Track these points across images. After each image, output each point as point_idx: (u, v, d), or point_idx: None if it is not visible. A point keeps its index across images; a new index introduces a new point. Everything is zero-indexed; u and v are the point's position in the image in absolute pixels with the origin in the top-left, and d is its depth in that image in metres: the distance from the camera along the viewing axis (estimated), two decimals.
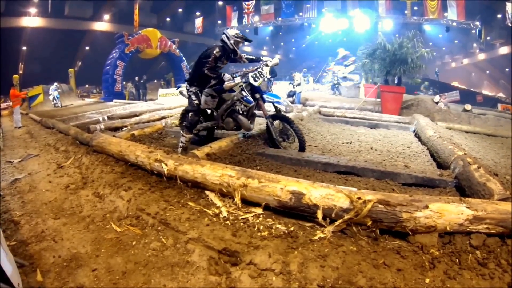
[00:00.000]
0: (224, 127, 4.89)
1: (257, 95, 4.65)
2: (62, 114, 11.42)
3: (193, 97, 4.70)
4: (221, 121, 4.82)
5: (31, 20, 25.76)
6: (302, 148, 4.56)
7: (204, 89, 4.71)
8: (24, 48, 27.09)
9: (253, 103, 4.63)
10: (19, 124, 9.74)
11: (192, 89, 4.71)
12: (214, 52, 4.47)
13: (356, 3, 26.07)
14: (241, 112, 4.68)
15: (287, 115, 4.92)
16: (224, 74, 4.52)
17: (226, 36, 4.59)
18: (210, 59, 4.43)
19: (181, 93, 5.23)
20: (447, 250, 2.05)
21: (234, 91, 4.63)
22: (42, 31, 26.27)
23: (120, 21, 30.40)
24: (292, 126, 4.61)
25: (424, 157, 4.55)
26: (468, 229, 2.09)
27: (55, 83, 17.94)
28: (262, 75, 4.64)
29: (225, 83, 4.47)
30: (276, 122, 4.79)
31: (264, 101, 4.67)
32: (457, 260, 1.98)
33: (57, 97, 17.29)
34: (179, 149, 4.67)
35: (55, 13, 26.51)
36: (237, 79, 4.52)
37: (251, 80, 4.59)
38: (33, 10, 25.70)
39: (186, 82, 4.86)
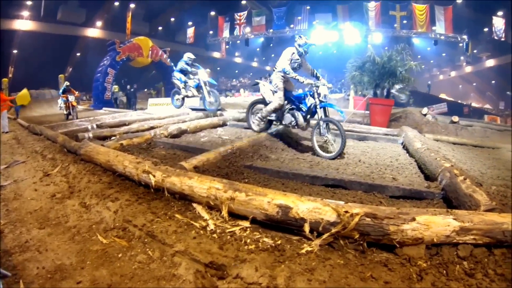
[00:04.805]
0: None
1: None
2: (51, 120, 11.29)
3: None
4: None
5: (23, 23, 25.46)
6: None
7: None
8: (15, 51, 26.77)
9: None
10: (6, 129, 9.53)
11: None
12: None
13: (347, 16, 26.58)
14: None
15: None
16: None
17: None
18: None
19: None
20: (434, 262, 2.07)
21: None
22: (34, 35, 25.93)
23: (112, 28, 30.33)
24: None
25: (412, 169, 4.59)
26: (455, 241, 2.12)
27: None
28: None
29: None
30: None
31: None
32: (444, 271, 1.99)
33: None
34: None
35: (48, 17, 26.27)
36: None
37: None
38: (25, 13, 25.43)
39: None
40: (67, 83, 14.28)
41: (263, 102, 6.13)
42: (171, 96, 10.44)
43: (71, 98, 13.04)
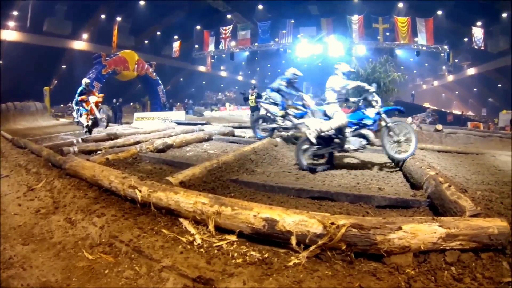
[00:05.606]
0: None
1: None
2: (35, 134, 11.07)
3: None
4: None
5: (8, 33, 24.92)
6: None
7: None
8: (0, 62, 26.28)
9: None
10: None
11: None
12: None
13: (331, 29, 27.13)
14: None
15: None
16: None
17: None
18: None
19: None
20: (422, 269, 2.09)
21: None
22: (19, 45, 25.41)
23: (98, 41, 30.17)
24: None
25: (398, 179, 4.65)
26: (442, 247, 2.15)
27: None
28: None
29: None
30: None
31: None
32: (433, 278, 2.01)
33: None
34: None
35: (34, 29, 25.86)
36: None
37: None
38: (11, 23, 24.99)
39: None
40: (86, 80, 9.96)
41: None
42: (252, 125, 7.80)
43: (93, 99, 9.55)
